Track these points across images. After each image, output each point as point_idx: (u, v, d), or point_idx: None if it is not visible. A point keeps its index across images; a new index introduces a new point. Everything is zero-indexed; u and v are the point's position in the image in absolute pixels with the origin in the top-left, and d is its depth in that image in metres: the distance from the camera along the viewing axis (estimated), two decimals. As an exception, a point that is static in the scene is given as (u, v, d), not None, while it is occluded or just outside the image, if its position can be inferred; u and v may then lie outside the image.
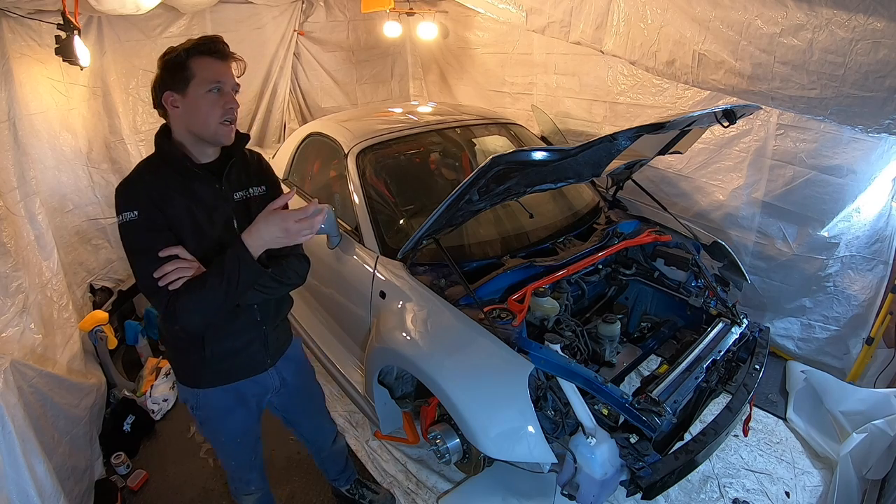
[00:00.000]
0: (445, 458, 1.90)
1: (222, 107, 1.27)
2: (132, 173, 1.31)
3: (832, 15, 1.72)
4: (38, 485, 1.65)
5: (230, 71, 1.29)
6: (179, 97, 1.25)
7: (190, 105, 1.26)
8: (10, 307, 2.03)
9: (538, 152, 1.55)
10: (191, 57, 1.23)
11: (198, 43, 1.25)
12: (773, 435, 2.46)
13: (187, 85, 1.24)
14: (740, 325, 2.12)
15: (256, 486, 1.76)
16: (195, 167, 1.32)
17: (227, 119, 1.29)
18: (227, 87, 1.28)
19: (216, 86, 1.26)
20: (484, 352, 1.73)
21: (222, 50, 1.27)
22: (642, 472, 1.57)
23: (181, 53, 1.24)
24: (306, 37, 4.41)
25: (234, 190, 1.40)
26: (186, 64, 1.23)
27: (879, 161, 2.37)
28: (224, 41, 1.29)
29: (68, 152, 2.96)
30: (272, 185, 1.50)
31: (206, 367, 1.45)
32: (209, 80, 1.25)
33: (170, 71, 1.25)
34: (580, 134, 3.65)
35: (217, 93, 1.26)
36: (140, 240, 1.23)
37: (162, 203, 1.26)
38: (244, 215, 1.39)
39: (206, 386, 1.49)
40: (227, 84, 1.28)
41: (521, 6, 2.68)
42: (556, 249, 2.30)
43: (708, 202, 3.05)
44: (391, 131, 2.67)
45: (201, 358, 1.42)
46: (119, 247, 3.29)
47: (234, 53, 1.31)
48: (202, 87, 1.24)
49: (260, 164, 1.51)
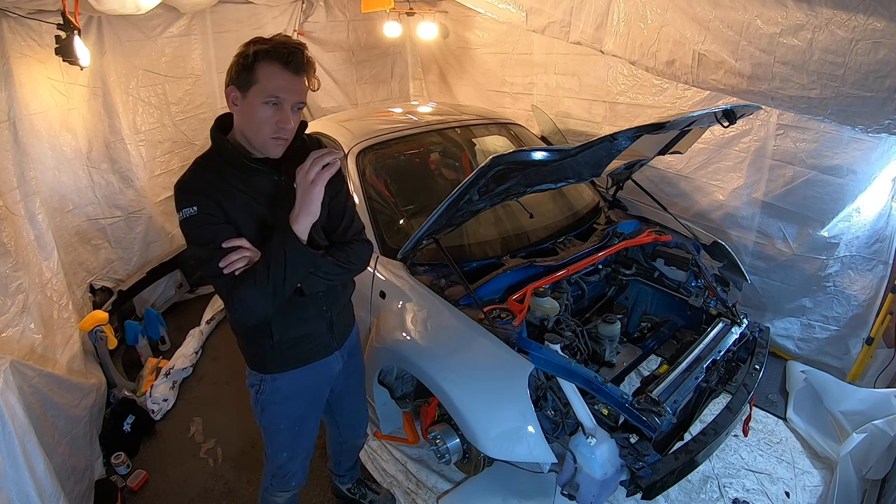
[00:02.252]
0: (445, 458, 1.90)
1: (276, 123, 1.21)
2: (189, 171, 1.29)
3: (832, 15, 1.72)
4: (38, 485, 1.65)
5: (298, 87, 1.21)
6: (240, 96, 1.22)
7: (246, 109, 1.22)
8: (10, 307, 2.03)
9: (538, 152, 1.55)
10: (260, 60, 1.17)
11: (273, 47, 1.18)
12: (773, 435, 2.46)
13: (249, 88, 1.19)
14: (740, 325, 2.12)
15: (297, 482, 1.75)
16: (252, 161, 1.29)
17: (279, 136, 1.23)
18: (287, 103, 1.21)
19: (274, 100, 1.19)
20: (484, 352, 1.73)
21: (297, 61, 1.19)
22: (642, 472, 1.57)
23: (251, 54, 1.18)
24: (306, 37, 4.41)
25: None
26: (254, 66, 1.17)
27: (879, 161, 2.37)
28: (305, 52, 1.21)
29: (68, 152, 2.96)
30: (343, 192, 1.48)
31: (275, 352, 1.46)
32: (269, 92, 1.18)
33: (238, 67, 1.20)
34: (580, 134, 3.65)
35: (274, 106, 1.20)
36: (201, 233, 1.23)
37: (220, 198, 1.24)
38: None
39: (274, 371, 1.50)
40: (288, 101, 1.20)
41: (521, 6, 2.68)
42: (556, 249, 2.30)
43: (708, 202, 3.05)
44: (391, 131, 2.67)
45: (270, 344, 1.43)
46: (119, 246, 3.32)
47: (311, 69, 1.23)
48: (260, 97, 1.19)
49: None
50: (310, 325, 1.49)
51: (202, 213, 1.22)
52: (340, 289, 1.56)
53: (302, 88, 1.23)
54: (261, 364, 1.51)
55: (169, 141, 3.51)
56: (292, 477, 1.72)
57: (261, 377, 1.52)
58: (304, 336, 1.49)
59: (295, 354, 1.51)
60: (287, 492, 1.76)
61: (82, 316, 2.69)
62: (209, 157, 1.32)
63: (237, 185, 1.28)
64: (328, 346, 1.57)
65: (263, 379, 1.52)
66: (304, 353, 1.52)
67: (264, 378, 1.52)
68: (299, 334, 1.47)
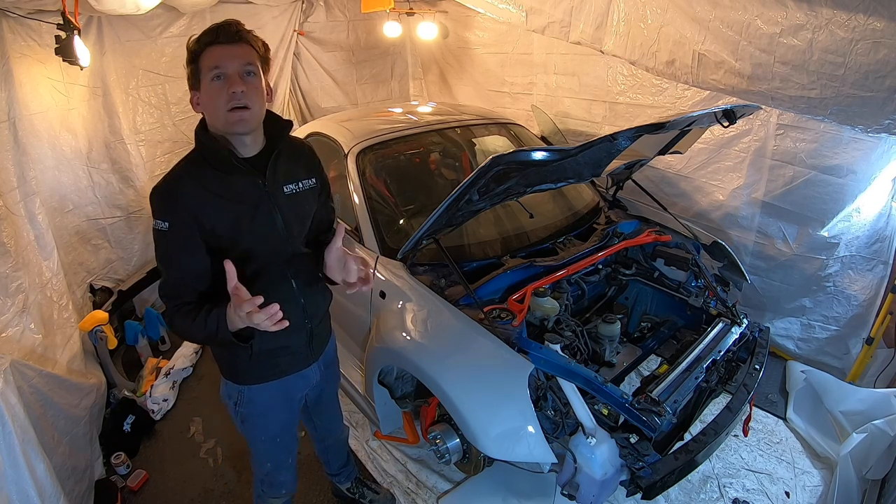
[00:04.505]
0: (445, 458, 1.90)
1: (226, 92, 1.16)
2: (170, 175, 1.26)
3: (832, 15, 1.72)
4: (38, 485, 1.65)
5: (236, 52, 1.18)
6: (198, 93, 1.21)
7: (204, 98, 1.21)
8: (10, 307, 2.03)
9: (538, 152, 1.55)
10: (199, 51, 1.18)
11: (203, 34, 1.19)
12: (773, 435, 2.46)
13: (199, 80, 1.19)
14: (740, 325, 2.12)
15: (287, 490, 1.74)
16: (238, 161, 1.25)
17: (235, 105, 1.17)
18: (231, 70, 1.17)
19: (216, 72, 1.17)
20: (484, 352, 1.73)
21: (226, 32, 1.18)
22: (642, 472, 1.57)
23: (191, 51, 1.19)
24: (306, 37, 4.41)
25: (284, 183, 1.34)
26: (198, 59, 1.19)
27: (879, 161, 2.37)
28: (237, 23, 1.20)
29: (68, 152, 2.96)
30: (323, 182, 1.46)
31: (252, 363, 1.42)
32: (210, 68, 1.17)
33: (188, 72, 1.21)
34: (580, 134, 3.65)
35: (220, 80, 1.17)
36: (166, 252, 1.24)
37: (198, 212, 1.21)
38: (292, 209, 1.35)
39: (252, 382, 1.47)
40: (230, 67, 1.17)
41: (521, 6, 2.68)
42: (556, 249, 2.30)
43: (708, 202, 3.05)
44: (391, 131, 2.67)
45: (248, 355, 1.36)
46: (118, 247, 3.32)
47: (246, 34, 1.21)
48: (207, 78, 1.18)
49: (312, 156, 1.45)
50: (289, 338, 1.44)
51: (172, 232, 1.21)
52: (321, 299, 1.54)
53: (241, 53, 1.19)
54: (238, 375, 1.47)
55: (169, 141, 3.52)
56: (281, 485, 1.72)
57: (238, 388, 1.48)
58: (282, 348, 1.45)
59: (272, 366, 1.47)
60: (278, 498, 1.75)
61: (82, 316, 2.69)
62: (192, 159, 1.28)
63: (217, 190, 1.25)
64: (307, 357, 1.53)
65: (241, 390, 1.48)
66: (283, 365, 1.48)
67: (241, 389, 1.48)
68: (277, 346, 1.43)
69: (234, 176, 1.26)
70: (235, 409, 1.53)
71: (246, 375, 1.47)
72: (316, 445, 2.01)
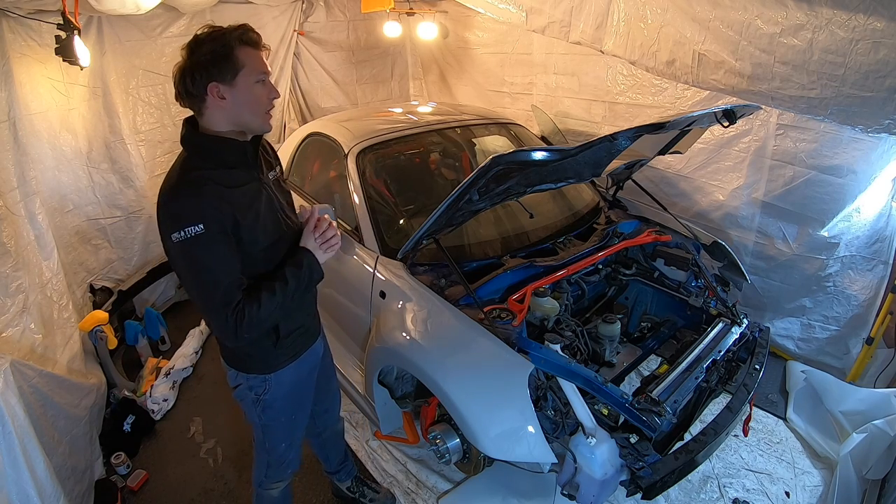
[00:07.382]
0: (445, 458, 1.90)
1: (268, 97, 1.29)
2: (181, 181, 1.23)
3: (832, 15, 1.72)
4: (38, 485, 1.65)
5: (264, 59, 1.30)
6: (227, 88, 1.22)
7: (241, 95, 1.24)
8: (10, 307, 2.03)
9: (538, 152, 1.55)
10: (236, 47, 1.22)
11: (241, 32, 1.23)
12: (773, 435, 2.46)
13: (236, 76, 1.22)
14: (740, 325, 2.12)
15: (292, 469, 1.78)
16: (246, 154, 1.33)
17: (269, 109, 1.32)
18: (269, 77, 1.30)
19: (262, 77, 1.26)
20: (484, 352, 1.73)
21: (259, 39, 1.28)
22: (642, 472, 1.57)
23: (227, 43, 1.21)
24: (306, 37, 4.41)
25: (268, 171, 1.45)
26: (233, 54, 1.21)
27: (879, 161, 2.37)
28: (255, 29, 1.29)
29: (68, 152, 2.96)
30: (282, 168, 1.59)
31: (278, 349, 1.50)
32: (257, 71, 1.25)
33: (216, 61, 1.20)
34: (580, 134, 3.65)
35: (263, 84, 1.27)
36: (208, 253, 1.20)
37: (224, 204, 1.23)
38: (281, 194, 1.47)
39: (278, 368, 1.53)
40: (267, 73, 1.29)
41: (521, 6, 2.68)
42: (556, 249, 2.30)
43: (708, 202, 3.05)
44: (391, 131, 2.67)
45: (274, 343, 1.46)
46: (119, 246, 3.31)
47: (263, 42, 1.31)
48: (251, 78, 1.24)
49: (271, 147, 1.58)
50: (304, 317, 1.58)
51: (209, 232, 1.18)
52: None
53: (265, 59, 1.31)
54: (265, 365, 1.51)
55: (169, 141, 3.51)
56: (289, 465, 1.75)
57: (265, 378, 1.52)
58: (299, 328, 1.56)
59: (294, 347, 1.56)
60: (283, 481, 1.78)
61: (82, 316, 2.69)
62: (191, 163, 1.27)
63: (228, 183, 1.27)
64: (314, 331, 1.66)
65: (267, 379, 1.52)
66: (300, 344, 1.58)
67: (268, 378, 1.52)
68: (296, 327, 1.54)
69: (236, 169, 1.32)
70: (257, 400, 1.55)
71: (273, 362, 1.52)
72: (313, 442, 2.01)
